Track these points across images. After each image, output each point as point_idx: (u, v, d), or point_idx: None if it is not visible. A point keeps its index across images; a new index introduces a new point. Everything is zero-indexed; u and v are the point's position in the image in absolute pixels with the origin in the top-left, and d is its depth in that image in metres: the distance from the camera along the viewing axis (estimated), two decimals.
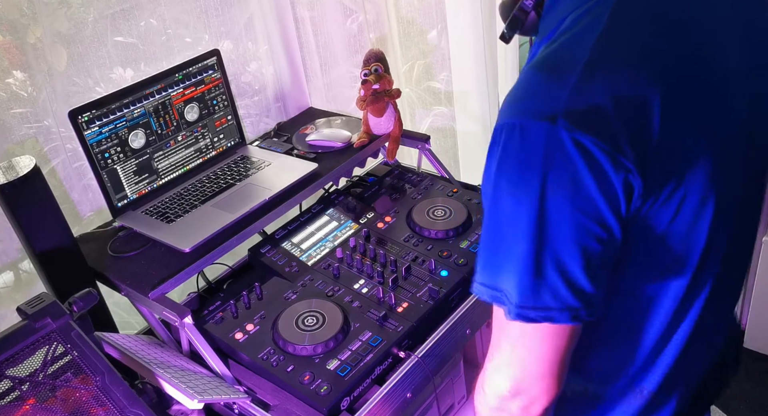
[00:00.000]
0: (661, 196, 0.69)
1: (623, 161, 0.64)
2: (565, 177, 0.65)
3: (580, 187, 0.65)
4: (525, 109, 0.66)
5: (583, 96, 0.64)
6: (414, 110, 2.38)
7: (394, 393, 1.19)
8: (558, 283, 0.69)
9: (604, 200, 0.66)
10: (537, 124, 0.64)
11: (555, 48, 0.69)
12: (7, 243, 1.44)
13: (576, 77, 0.65)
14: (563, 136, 0.63)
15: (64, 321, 0.99)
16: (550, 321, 0.70)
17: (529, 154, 0.65)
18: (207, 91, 1.56)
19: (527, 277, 0.69)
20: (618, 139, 0.64)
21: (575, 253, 0.68)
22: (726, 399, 2.06)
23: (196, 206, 1.46)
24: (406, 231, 1.50)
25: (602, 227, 0.67)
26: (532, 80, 0.69)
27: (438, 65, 2.32)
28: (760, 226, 2.01)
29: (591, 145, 0.63)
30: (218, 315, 1.32)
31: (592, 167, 0.64)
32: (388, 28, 2.16)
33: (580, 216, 0.66)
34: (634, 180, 0.66)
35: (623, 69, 0.66)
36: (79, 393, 0.95)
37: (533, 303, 0.70)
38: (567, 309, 0.69)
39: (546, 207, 0.66)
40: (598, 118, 0.63)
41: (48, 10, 1.40)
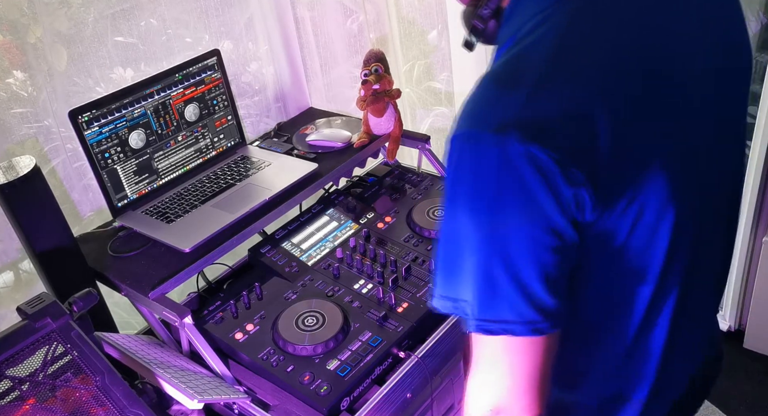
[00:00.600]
0: (615, 209, 0.68)
1: (575, 173, 0.63)
2: (517, 189, 0.64)
3: (533, 199, 0.64)
4: (479, 119, 0.66)
5: (535, 108, 0.64)
6: (414, 110, 2.38)
7: (394, 394, 1.19)
8: (515, 296, 0.68)
9: (558, 211, 0.65)
10: (489, 136, 0.64)
11: (510, 58, 0.69)
12: (7, 243, 1.44)
13: (528, 89, 0.64)
14: (515, 148, 0.63)
15: (64, 321, 0.99)
16: (511, 334, 0.69)
17: (481, 165, 0.65)
18: (207, 91, 1.56)
19: (484, 291, 0.68)
20: (569, 151, 0.63)
21: (531, 266, 0.67)
22: (726, 399, 2.06)
23: (196, 206, 1.46)
24: (406, 231, 1.50)
25: (557, 238, 0.66)
26: (487, 91, 0.68)
27: (438, 65, 2.32)
28: (759, 226, 2.02)
29: (543, 157, 0.62)
30: (218, 315, 1.32)
31: (545, 179, 0.63)
32: (388, 29, 2.17)
33: (533, 229, 0.65)
34: (587, 192, 0.65)
35: (576, 81, 0.65)
36: (79, 393, 0.95)
37: (492, 317, 0.69)
38: (527, 322, 0.68)
39: (499, 219, 0.66)
40: (550, 130, 0.63)
41: (48, 10, 1.40)
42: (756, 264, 2.07)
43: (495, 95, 0.67)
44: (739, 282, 2.16)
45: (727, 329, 2.27)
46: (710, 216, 0.81)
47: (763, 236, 2.02)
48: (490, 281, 0.68)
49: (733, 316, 2.25)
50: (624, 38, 0.69)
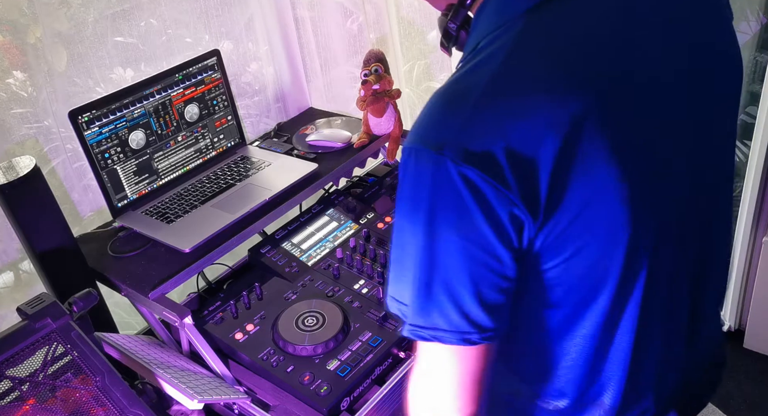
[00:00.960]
0: (557, 227, 0.68)
1: (508, 194, 0.64)
2: (451, 207, 0.65)
3: (467, 218, 0.65)
4: (422, 135, 0.67)
5: (473, 130, 0.64)
6: (414, 110, 2.38)
7: (394, 394, 1.19)
8: (448, 308, 0.69)
9: (492, 232, 0.66)
10: (427, 153, 0.65)
11: (459, 75, 0.69)
12: (7, 243, 1.44)
13: (468, 111, 0.65)
14: (449, 167, 0.63)
15: (64, 321, 0.99)
16: (440, 341, 0.71)
17: (420, 180, 0.66)
18: (207, 92, 1.56)
19: (419, 299, 0.70)
20: (501, 172, 0.63)
21: (465, 281, 0.68)
22: (726, 399, 2.06)
23: (196, 206, 1.46)
24: None
25: (493, 257, 0.67)
26: (434, 107, 0.69)
27: (438, 65, 2.32)
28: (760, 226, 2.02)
29: (475, 177, 0.63)
30: (218, 316, 1.32)
31: (477, 199, 0.64)
32: (388, 29, 2.17)
33: (468, 246, 0.66)
34: (521, 213, 0.65)
35: (517, 101, 0.65)
36: (79, 394, 0.95)
37: (424, 323, 0.71)
38: (457, 332, 0.70)
39: (435, 235, 0.67)
40: (485, 152, 0.63)
41: (48, 10, 1.40)
42: (756, 264, 2.07)
43: (439, 113, 0.68)
44: (739, 282, 2.16)
45: (727, 329, 2.27)
46: (688, 222, 0.79)
47: (763, 236, 2.02)
48: (426, 289, 0.69)
49: (733, 316, 2.25)
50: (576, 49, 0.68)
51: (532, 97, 0.65)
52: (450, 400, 0.75)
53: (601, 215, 0.69)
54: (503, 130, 0.64)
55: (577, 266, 0.72)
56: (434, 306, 0.70)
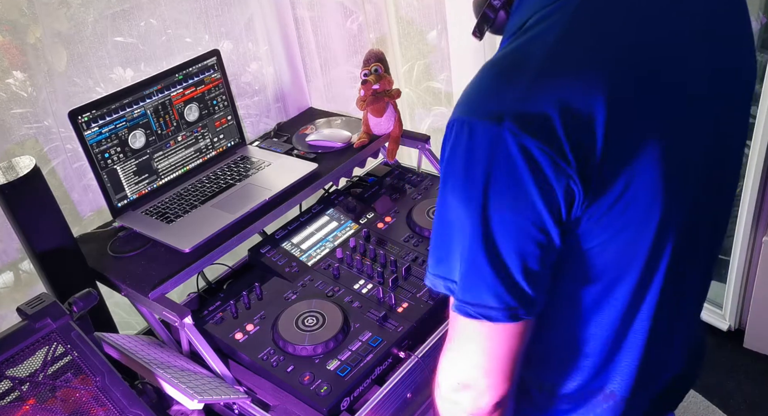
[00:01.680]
0: (603, 205, 0.69)
1: (565, 167, 0.65)
2: (507, 179, 0.65)
3: (522, 191, 0.65)
4: (475, 107, 0.67)
5: (531, 100, 0.64)
6: (414, 110, 2.38)
7: (394, 394, 1.19)
8: (497, 284, 0.70)
9: (545, 205, 0.66)
10: (483, 124, 0.65)
11: (513, 48, 0.69)
12: (7, 243, 1.44)
13: (526, 81, 0.65)
14: (507, 138, 0.64)
15: (64, 321, 0.99)
16: (489, 319, 0.71)
17: (474, 153, 0.66)
18: (207, 91, 1.56)
19: (469, 275, 0.71)
20: (561, 145, 0.64)
21: (515, 256, 0.69)
22: (726, 398, 2.06)
23: (196, 206, 1.46)
24: (406, 231, 1.50)
25: (542, 232, 0.68)
26: (486, 79, 0.69)
27: (438, 65, 2.32)
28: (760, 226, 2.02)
29: (534, 149, 0.63)
30: (218, 316, 1.32)
31: (534, 171, 0.64)
32: (387, 29, 2.17)
33: (520, 220, 0.67)
34: (576, 187, 0.66)
35: (574, 76, 0.66)
36: (79, 394, 0.95)
37: (473, 300, 0.71)
38: (505, 309, 0.70)
39: (488, 208, 0.67)
40: (543, 123, 0.64)
41: (48, 10, 1.40)
42: (756, 264, 2.07)
43: (494, 84, 0.68)
44: (739, 282, 2.16)
45: (727, 329, 2.27)
46: (699, 217, 0.81)
47: (763, 236, 2.02)
48: (474, 265, 0.70)
49: (733, 316, 2.25)
50: (625, 35, 0.70)
51: (588, 74, 0.66)
52: (486, 377, 0.75)
53: (639, 195, 0.70)
54: (562, 102, 0.64)
55: (614, 245, 0.73)
56: (483, 283, 0.70)
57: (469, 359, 0.75)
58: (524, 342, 0.75)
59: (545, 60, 0.66)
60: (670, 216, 0.73)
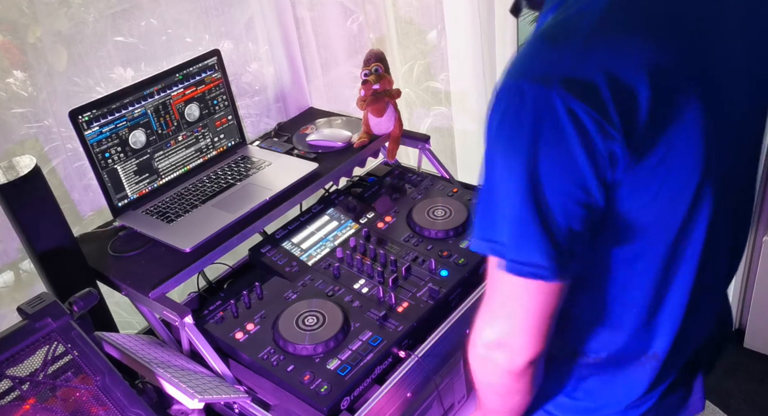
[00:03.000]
0: (645, 168, 0.71)
1: (611, 130, 0.67)
2: (554, 141, 0.68)
3: (569, 152, 0.68)
4: (524, 71, 0.69)
5: (580, 65, 0.67)
6: (414, 110, 2.38)
7: (394, 393, 1.19)
8: (544, 242, 0.72)
9: (590, 167, 0.69)
10: (533, 86, 0.67)
11: (560, 19, 0.72)
12: (7, 243, 1.44)
13: (576, 48, 0.68)
14: (555, 101, 0.66)
15: (65, 321, 0.99)
16: (539, 278, 0.74)
17: (523, 115, 0.68)
18: (207, 91, 1.56)
19: (518, 235, 0.73)
20: (608, 108, 0.66)
21: (561, 216, 0.71)
22: (726, 398, 2.06)
23: (197, 206, 1.46)
24: (406, 231, 1.50)
25: (587, 193, 0.70)
26: (536, 46, 0.72)
27: (438, 65, 2.32)
28: (760, 226, 2.02)
29: (582, 113, 0.66)
30: (218, 315, 1.32)
31: (581, 134, 0.67)
32: (387, 29, 2.17)
33: (566, 180, 0.69)
34: (621, 150, 0.69)
35: (621, 45, 0.69)
36: (80, 393, 0.95)
37: (524, 259, 0.73)
38: (553, 267, 0.73)
39: (536, 168, 0.69)
40: (591, 86, 0.66)
41: (48, 10, 1.40)
42: (756, 264, 2.07)
43: (543, 49, 0.71)
44: (739, 282, 2.16)
45: None
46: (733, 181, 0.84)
47: (763, 236, 2.02)
48: (522, 225, 0.72)
49: (733, 316, 2.25)
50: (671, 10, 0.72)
51: (636, 41, 0.69)
52: (520, 336, 0.77)
53: (680, 160, 0.73)
54: (609, 69, 0.67)
55: (655, 206, 0.75)
56: (533, 242, 0.72)
57: (508, 317, 0.77)
58: (561, 301, 0.77)
59: (593, 29, 0.68)
60: (708, 179, 0.76)
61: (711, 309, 0.96)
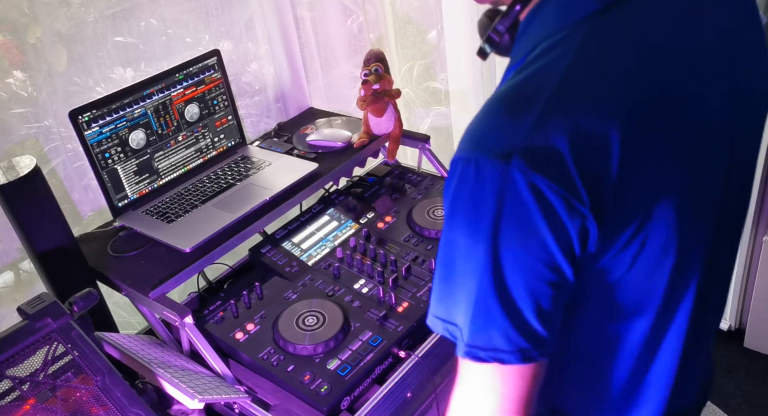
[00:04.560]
0: (619, 241, 0.67)
1: (578, 207, 0.62)
2: (517, 219, 0.62)
3: (533, 231, 0.63)
4: (482, 144, 0.64)
5: (541, 136, 0.61)
6: (413, 110, 2.38)
7: (395, 393, 1.19)
8: (508, 326, 0.67)
9: (557, 245, 0.63)
10: (491, 162, 0.62)
11: (519, 80, 0.67)
12: (7, 243, 1.44)
13: (535, 116, 0.62)
14: (517, 177, 0.61)
15: (65, 321, 0.99)
16: (500, 362, 0.68)
17: (482, 192, 0.63)
18: (207, 91, 1.56)
19: (477, 318, 0.67)
20: (574, 182, 0.61)
21: (526, 297, 0.66)
22: (726, 398, 2.06)
23: (197, 206, 1.46)
24: (406, 231, 1.50)
25: (554, 272, 0.65)
26: (493, 113, 0.66)
27: (437, 65, 2.32)
28: (760, 226, 2.02)
29: (545, 188, 0.61)
30: (219, 315, 1.32)
31: (546, 211, 0.61)
32: (387, 29, 2.17)
33: (532, 260, 0.64)
34: (590, 225, 0.63)
35: (585, 108, 0.63)
36: (80, 393, 0.95)
37: (483, 344, 0.68)
38: (517, 350, 0.68)
39: (498, 249, 0.64)
40: (555, 160, 0.61)
41: (48, 10, 1.40)
42: (756, 264, 2.07)
43: (500, 119, 0.65)
44: (739, 282, 2.16)
45: (728, 329, 2.27)
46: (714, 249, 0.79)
47: (763, 236, 2.02)
48: (484, 307, 0.67)
49: (733, 316, 2.25)
50: (639, 64, 0.67)
51: (599, 105, 0.63)
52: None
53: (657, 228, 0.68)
54: (573, 136, 0.61)
55: (632, 279, 0.70)
56: (493, 325, 0.67)
57: (481, 404, 0.72)
58: (538, 383, 0.71)
59: (554, 92, 0.63)
60: (690, 246, 0.72)
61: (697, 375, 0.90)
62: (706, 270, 0.77)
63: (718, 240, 0.78)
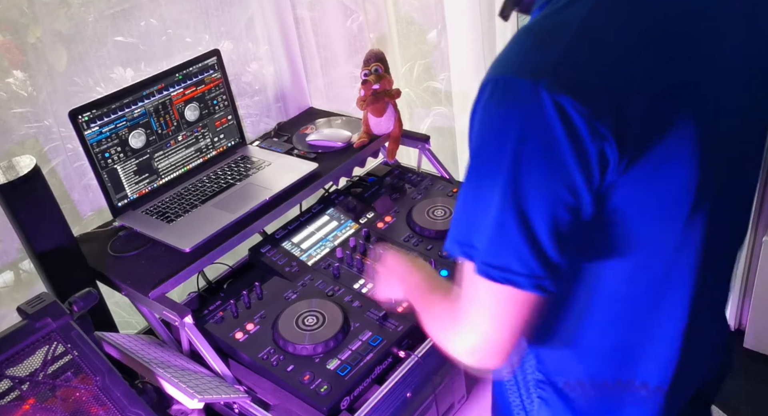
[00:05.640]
0: (638, 172, 0.67)
1: (601, 129, 0.63)
2: (541, 139, 0.64)
3: (557, 152, 0.64)
4: (511, 66, 0.66)
5: (571, 60, 0.63)
6: (414, 110, 2.38)
7: (394, 393, 1.19)
8: (524, 247, 0.67)
9: (578, 167, 0.64)
10: (520, 81, 0.63)
11: (547, 15, 0.69)
12: (7, 243, 1.44)
13: (565, 44, 0.64)
14: (543, 96, 0.62)
15: (64, 321, 0.99)
16: (513, 284, 0.69)
17: (507, 112, 0.65)
18: (207, 91, 1.56)
19: (496, 236, 0.68)
20: (599, 105, 0.63)
21: (544, 218, 0.66)
22: (726, 398, 2.06)
23: (197, 206, 1.46)
24: (406, 231, 1.50)
25: (573, 196, 0.66)
26: (522, 40, 0.68)
27: (438, 65, 2.32)
28: (760, 226, 2.02)
29: (570, 108, 0.62)
30: (218, 315, 1.32)
31: (569, 130, 0.63)
32: (387, 29, 2.17)
33: (552, 181, 0.65)
34: (611, 151, 0.64)
35: (611, 43, 0.65)
36: (79, 393, 0.95)
37: (498, 263, 0.69)
38: (531, 276, 0.68)
39: (520, 168, 0.65)
40: (583, 84, 0.63)
41: (48, 10, 1.40)
42: (756, 264, 2.07)
43: (531, 44, 0.67)
44: (739, 282, 2.16)
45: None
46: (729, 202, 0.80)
47: (763, 236, 2.02)
48: (502, 228, 0.67)
49: (733, 316, 2.25)
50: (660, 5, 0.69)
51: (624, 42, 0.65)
52: (494, 343, 0.73)
53: (674, 171, 0.69)
54: (602, 66, 0.64)
55: (648, 217, 0.71)
56: (510, 246, 0.68)
57: (482, 326, 0.73)
58: (536, 316, 0.72)
59: (583, 24, 0.65)
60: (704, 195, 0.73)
61: (713, 335, 0.90)
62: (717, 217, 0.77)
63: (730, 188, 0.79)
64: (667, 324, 0.81)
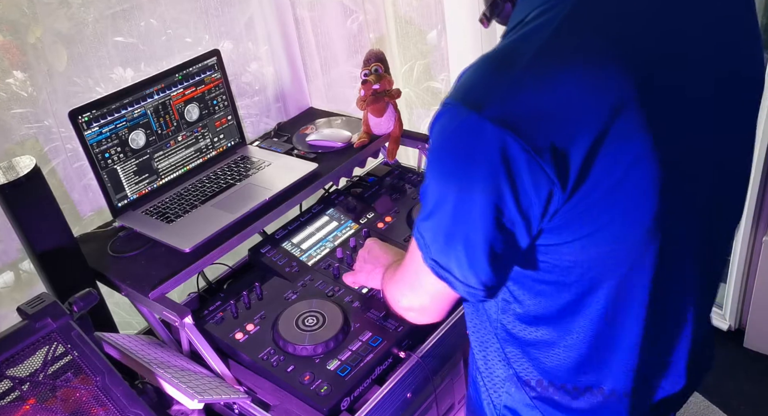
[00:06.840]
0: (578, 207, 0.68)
1: (541, 163, 0.64)
2: (482, 169, 0.66)
3: (495, 182, 0.66)
4: (462, 94, 0.68)
5: (516, 95, 0.64)
6: (414, 110, 2.38)
7: (394, 393, 1.19)
8: (465, 259, 0.73)
9: (517, 199, 0.67)
10: (466, 111, 0.65)
11: (509, 42, 0.70)
12: (7, 243, 1.44)
13: (514, 75, 0.65)
14: (486, 128, 0.64)
15: (65, 321, 0.99)
16: (450, 286, 0.78)
17: (454, 140, 0.68)
18: (207, 91, 1.56)
19: (445, 240, 0.74)
20: (540, 141, 0.63)
21: (481, 241, 0.71)
22: (726, 398, 2.06)
23: (197, 206, 1.46)
24: (406, 231, 1.50)
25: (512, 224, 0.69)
26: (480, 69, 0.69)
27: (437, 65, 2.32)
28: (760, 226, 2.02)
29: (511, 142, 0.63)
30: (218, 315, 1.32)
31: (509, 164, 0.64)
32: (387, 29, 2.17)
33: (489, 208, 0.68)
34: (551, 184, 0.65)
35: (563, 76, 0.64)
36: (80, 393, 0.95)
37: (443, 264, 0.76)
38: (466, 285, 0.76)
39: (461, 193, 0.69)
40: (524, 118, 0.63)
41: (48, 10, 1.40)
42: (756, 264, 2.07)
43: (485, 74, 0.68)
44: (739, 282, 2.16)
45: (727, 329, 2.27)
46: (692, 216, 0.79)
47: (763, 236, 2.02)
48: (451, 237, 0.74)
49: (733, 316, 2.25)
50: (624, 31, 0.68)
51: (579, 72, 0.65)
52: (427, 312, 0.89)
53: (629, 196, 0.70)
54: (547, 99, 0.64)
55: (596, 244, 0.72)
56: (453, 254, 0.74)
57: (417, 296, 0.87)
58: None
59: (536, 55, 0.65)
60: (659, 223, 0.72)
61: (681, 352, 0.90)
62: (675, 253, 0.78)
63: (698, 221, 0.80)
64: (622, 335, 0.82)
